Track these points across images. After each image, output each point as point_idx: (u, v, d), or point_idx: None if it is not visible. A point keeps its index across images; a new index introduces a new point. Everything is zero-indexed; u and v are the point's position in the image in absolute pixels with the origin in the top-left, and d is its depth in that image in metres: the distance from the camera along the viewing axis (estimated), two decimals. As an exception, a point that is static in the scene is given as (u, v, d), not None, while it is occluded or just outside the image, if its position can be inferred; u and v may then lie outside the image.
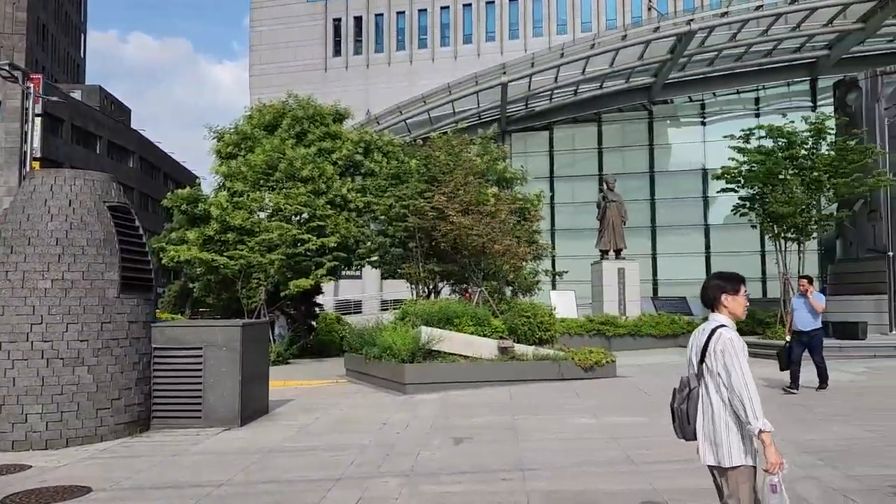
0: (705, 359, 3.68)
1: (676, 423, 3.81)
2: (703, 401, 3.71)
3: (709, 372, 3.67)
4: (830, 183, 16.81)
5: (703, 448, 3.72)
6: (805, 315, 11.31)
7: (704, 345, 3.69)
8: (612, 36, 35.33)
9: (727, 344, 3.59)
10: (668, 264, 36.88)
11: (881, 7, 31.24)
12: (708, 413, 3.67)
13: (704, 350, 3.68)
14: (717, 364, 3.60)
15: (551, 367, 13.39)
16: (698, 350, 3.75)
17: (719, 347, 3.61)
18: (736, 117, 37.63)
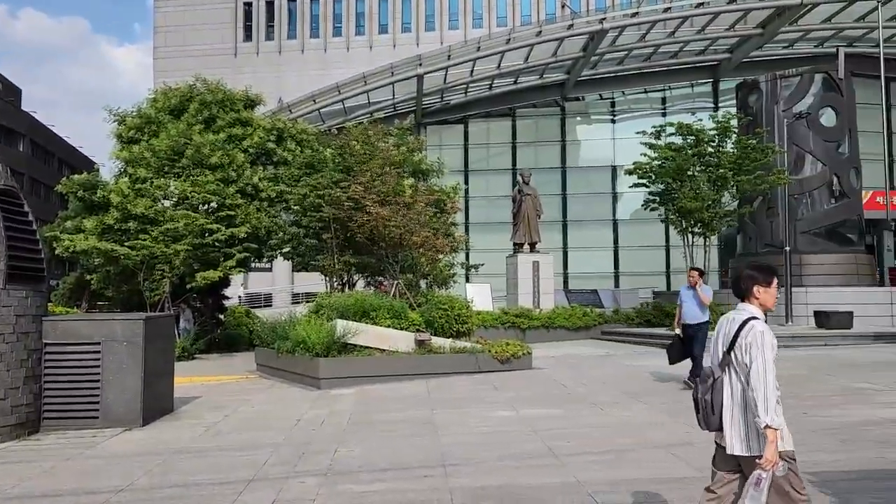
0: (734, 349, 3.67)
1: (700, 414, 3.80)
2: (730, 391, 3.71)
3: (736, 362, 3.68)
4: (735, 180, 17.47)
5: (730, 437, 3.69)
6: (693, 308, 10.89)
7: (735, 335, 3.68)
8: (527, 32, 35.70)
9: (757, 336, 3.60)
10: (578, 258, 37.71)
11: (778, 14, 32.89)
12: (738, 402, 3.67)
13: (734, 340, 3.67)
14: (746, 355, 3.61)
15: (469, 359, 13.30)
16: (727, 340, 3.74)
17: (749, 339, 3.61)
18: (644, 116, 38.83)
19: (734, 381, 3.69)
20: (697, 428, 8.01)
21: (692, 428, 8.16)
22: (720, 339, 3.81)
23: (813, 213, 22.36)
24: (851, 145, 23.15)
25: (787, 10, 32.32)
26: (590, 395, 10.61)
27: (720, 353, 3.77)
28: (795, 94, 22.88)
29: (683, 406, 9.50)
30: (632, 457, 6.88)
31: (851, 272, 21.72)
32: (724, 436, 3.71)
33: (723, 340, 3.78)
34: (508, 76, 37.77)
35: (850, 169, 22.88)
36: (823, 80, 23.03)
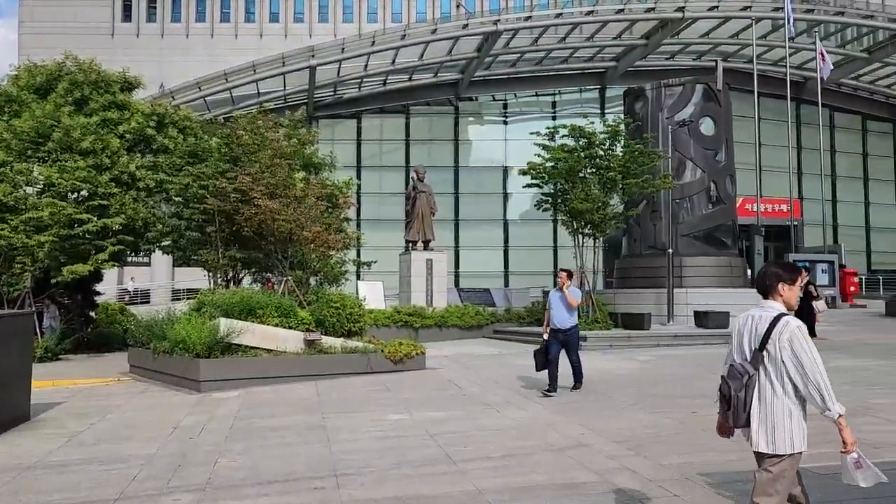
0: (766, 346, 3.62)
1: (730, 410, 3.73)
2: (763, 389, 3.67)
3: (770, 359, 3.64)
4: (623, 182, 17.92)
5: (756, 434, 3.70)
6: (561, 311, 10.32)
7: (767, 332, 3.63)
8: (422, 29, 35.55)
9: (795, 333, 3.58)
10: (469, 257, 37.93)
11: (662, 26, 34.37)
12: (767, 400, 3.65)
13: (766, 337, 3.62)
14: (783, 353, 3.57)
15: (361, 359, 12.86)
16: (756, 337, 3.69)
17: (786, 336, 3.58)
18: (534, 119, 39.56)
19: (764, 379, 3.67)
20: (592, 429, 8.01)
21: (586, 429, 8.14)
22: (747, 337, 3.76)
23: (692, 218, 23.37)
24: (728, 154, 24.39)
25: (670, 22, 33.82)
26: (484, 396, 10.44)
27: (747, 350, 3.74)
28: (678, 103, 23.84)
29: (576, 406, 9.50)
30: (531, 461, 6.71)
31: (726, 274, 22.88)
32: (751, 432, 3.72)
33: (750, 338, 3.74)
34: (403, 73, 37.48)
35: (727, 176, 24.10)
36: (704, 90, 24.12)
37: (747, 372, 3.68)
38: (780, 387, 3.62)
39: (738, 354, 3.82)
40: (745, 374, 3.69)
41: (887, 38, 37.38)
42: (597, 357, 14.88)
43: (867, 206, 43.79)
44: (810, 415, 7.92)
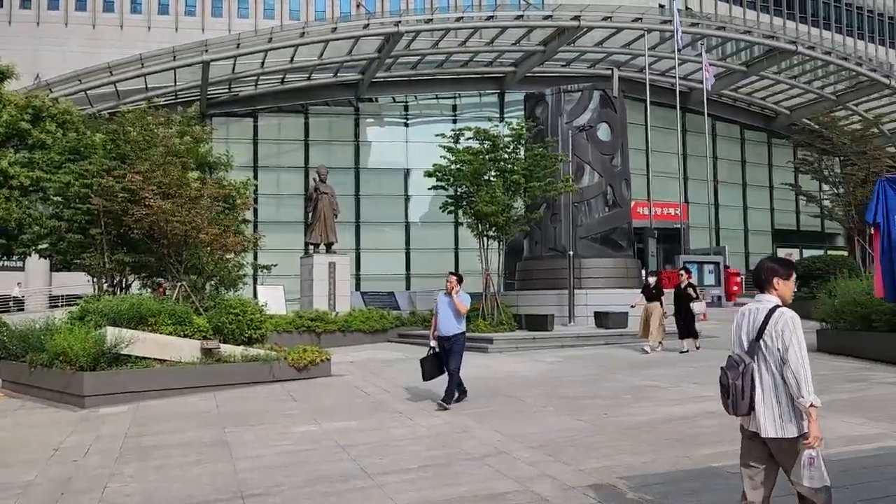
0: (763, 336, 3.79)
1: (730, 399, 3.85)
2: (762, 377, 3.80)
3: (767, 349, 3.78)
4: (527, 186, 18.07)
5: (763, 421, 3.80)
6: (448, 317, 9.62)
7: (763, 323, 3.79)
8: (322, 27, 34.84)
9: (788, 322, 3.74)
10: (371, 259, 37.46)
11: (559, 34, 35.19)
12: (769, 388, 3.79)
13: (763, 328, 3.78)
14: (777, 341, 3.73)
15: (262, 368, 12.26)
16: (754, 328, 3.85)
17: (780, 325, 3.74)
18: (435, 121, 39.60)
19: (763, 368, 3.80)
20: (508, 434, 7.87)
21: (503, 435, 8.01)
22: (744, 329, 3.92)
23: (590, 221, 23.95)
24: (623, 159, 25.16)
25: (566, 30, 34.68)
26: (395, 403, 10.14)
27: (745, 341, 3.89)
28: (577, 109, 24.39)
29: (490, 411, 9.37)
30: (450, 472, 6.48)
31: (623, 275, 23.56)
32: (757, 420, 3.82)
33: (747, 329, 3.90)
34: (302, 71, 36.59)
35: (622, 180, 24.85)
36: (601, 97, 24.78)
37: (743, 361, 3.82)
38: (778, 374, 3.76)
39: (736, 346, 3.96)
40: (741, 363, 3.82)
41: (763, 53, 39.88)
42: (504, 359, 14.89)
43: (745, 210, 46.56)
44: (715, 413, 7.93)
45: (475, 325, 18.18)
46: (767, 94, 44.13)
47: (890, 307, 12.33)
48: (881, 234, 3.72)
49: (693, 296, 14.97)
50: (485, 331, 17.62)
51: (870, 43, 52.56)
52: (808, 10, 50.43)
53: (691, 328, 15.09)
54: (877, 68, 42.63)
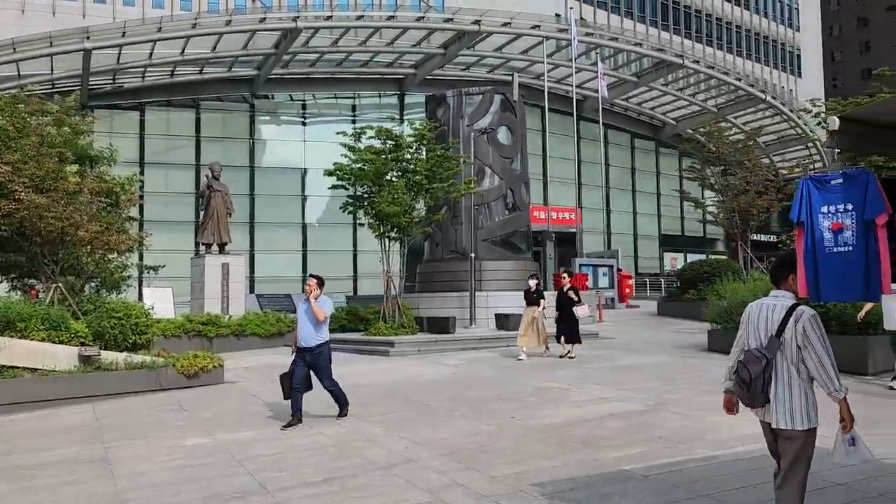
0: (784, 332, 3.94)
1: (750, 392, 3.99)
2: (779, 371, 3.97)
3: (786, 345, 3.94)
4: (430, 187, 17.88)
5: (776, 412, 3.98)
6: (307, 326, 8.68)
7: (783, 320, 3.95)
8: (215, 19, 33.38)
9: (812, 320, 3.90)
10: (265, 261, 36.25)
11: (459, 37, 35.30)
12: (785, 381, 3.96)
13: (783, 324, 3.94)
14: (800, 337, 3.90)
15: (148, 376, 11.43)
16: (774, 324, 3.99)
17: (801, 324, 3.90)
18: (334, 121, 38.83)
19: (781, 362, 3.97)
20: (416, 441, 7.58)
21: (410, 442, 7.70)
22: (762, 324, 4.06)
23: (491, 223, 24.08)
24: (523, 163, 25.49)
25: (467, 34, 34.83)
26: (295, 411, 9.64)
27: (763, 336, 4.03)
28: (478, 112, 24.49)
29: (396, 417, 9.06)
30: (356, 484, 6.12)
31: (523, 278, 23.73)
32: (770, 412, 4.00)
33: (766, 324, 4.04)
34: (193, 64, 34.93)
35: (522, 184, 25.17)
36: (501, 101, 25.01)
37: (765, 356, 3.97)
38: (794, 369, 3.94)
39: (753, 340, 4.11)
40: (763, 358, 3.97)
41: (652, 65, 41.58)
42: (407, 363, 14.59)
43: (634, 216, 48.40)
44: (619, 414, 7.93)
45: (376, 328, 17.83)
46: (656, 105, 46.04)
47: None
48: (804, 233, 3.70)
49: (575, 299, 14.41)
50: (386, 334, 17.28)
51: (747, 60, 55.98)
52: (692, 27, 53.14)
53: (575, 333, 14.40)
54: (754, 84, 45.35)
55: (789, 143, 47.92)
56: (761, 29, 58.10)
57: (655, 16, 51.17)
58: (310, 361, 8.73)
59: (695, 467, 6.35)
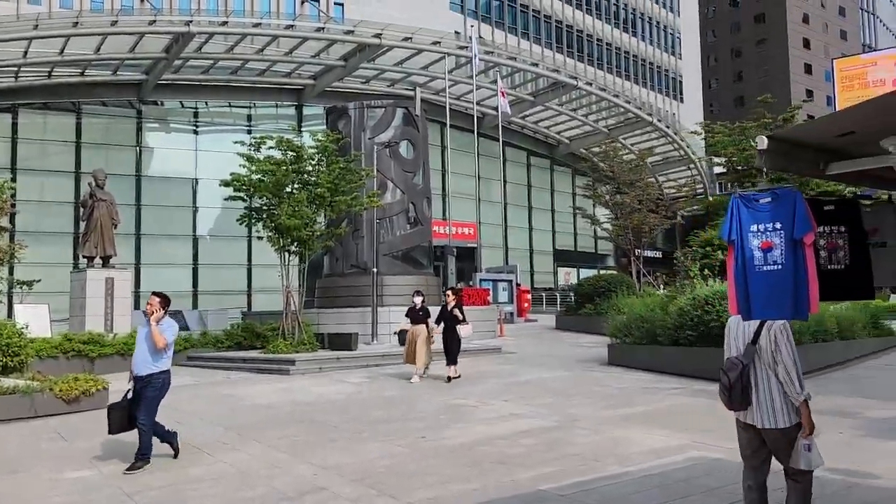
0: (758, 340, 4.29)
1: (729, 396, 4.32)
2: (758, 376, 4.31)
3: (762, 351, 4.28)
4: (332, 200, 17.46)
5: (758, 414, 4.30)
6: (143, 352, 7.57)
7: (758, 329, 4.30)
8: (99, 18, 31.55)
9: (783, 328, 4.27)
10: (153, 275, 34.35)
11: (360, 50, 35.02)
12: (764, 385, 4.30)
13: (758, 333, 4.30)
14: (772, 345, 4.26)
15: (21, 402, 10.41)
16: (749, 333, 4.34)
17: (773, 332, 4.27)
18: (228, 130, 37.57)
19: (759, 368, 4.30)
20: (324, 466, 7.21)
21: (319, 468, 7.29)
22: (740, 335, 4.40)
23: (393, 238, 23.84)
24: (425, 177, 25.44)
25: (368, 47, 34.58)
26: (190, 436, 8.97)
27: (741, 345, 4.37)
28: (380, 125, 24.26)
29: (301, 440, 8.61)
30: (264, 516, 5.70)
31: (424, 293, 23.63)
32: (753, 414, 4.31)
33: (744, 334, 4.38)
34: (74, 66, 32.85)
35: (424, 199, 25.10)
36: (403, 115, 24.90)
37: (741, 362, 4.31)
38: (772, 373, 4.27)
39: (732, 350, 4.44)
40: (739, 364, 4.31)
41: (548, 85, 42.78)
42: (309, 382, 14.07)
43: (531, 232, 49.47)
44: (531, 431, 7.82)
45: (275, 345, 17.14)
46: (551, 124, 47.37)
47: (672, 323, 13.39)
48: (735, 252, 3.70)
49: (460, 318, 13.50)
50: (286, 351, 16.64)
51: (636, 84, 58.66)
52: (584, 51, 55.18)
53: (455, 353, 13.43)
54: (641, 107, 47.54)
55: (673, 164, 50.50)
56: (647, 56, 61.11)
57: (551, 38, 52.78)
58: (139, 391, 7.54)
59: (609, 485, 6.34)
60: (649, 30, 61.83)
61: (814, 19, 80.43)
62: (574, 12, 54.86)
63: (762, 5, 79.00)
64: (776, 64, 77.26)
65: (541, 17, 52.27)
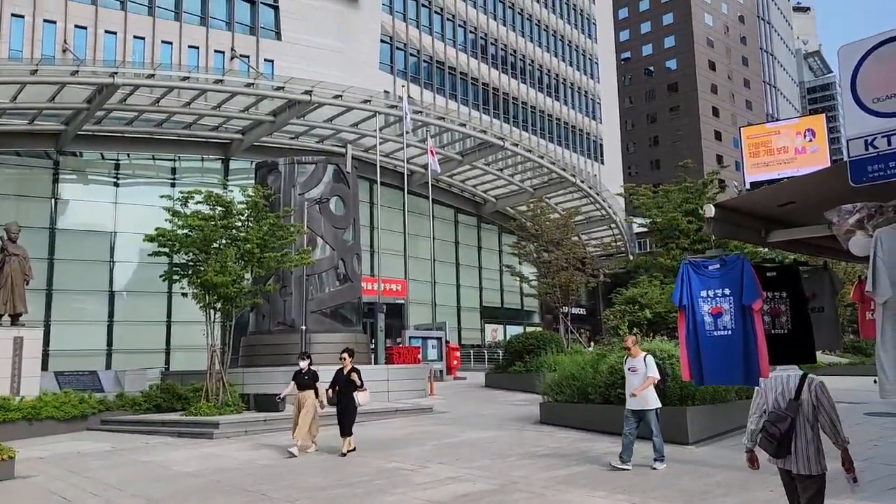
0: (801, 395, 4.87)
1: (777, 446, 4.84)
2: (798, 427, 4.85)
3: (804, 405, 4.86)
4: (262, 256, 17.12)
5: (796, 462, 4.89)
6: None
7: (799, 386, 4.90)
8: (18, 67, 30.52)
9: (822, 386, 4.89)
10: (65, 333, 32.60)
11: (290, 106, 35.02)
12: (802, 435, 4.86)
13: (799, 390, 4.89)
14: (814, 399, 4.87)
15: (-84, 475, 9.54)
16: (791, 389, 4.91)
17: (815, 389, 4.87)
18: (151, 183, 36.62)
19: (800, 420, 4.85)
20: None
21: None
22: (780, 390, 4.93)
23: (322, 295, 23.50)
24: (355, 234, 25.34)
25: (298, 104, 34.63)
26: (108, 510, 8.42)
27: (781, 401, 4.91)
28: (310, 181, 24.15)
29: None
30: None
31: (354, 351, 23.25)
32: (792, 461, 4.90)
33: (785, 390, 4.92)
34: (-13, 114, 31.52)
35: (354, 255, 24.94)
36: (334, 171, 24.90)
37: (789, 416, 4.81)
38: (809, 426, 4.85)
39: (772, 405, 4.96)
40: (788, 417, 4.81)
41: (475, 145, 43.72)
42: (234, 446, 13.47)
43: (458, 288, 49.71)
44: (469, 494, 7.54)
45: (197, 407, 16.42)
46: (478, 183, 48.24)
47: (603, 381, 13.55)
48: (686, 318, 3.78)
49: (358, 384, 12.20)
50: (209, 413, 15.94)
51: (559, 146, 60.65)
52: (510, 113, 56.87)
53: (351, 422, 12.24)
54: (565, 168, 49.07)
55: (595, 223, 52.06)
56: (570, 119, 63.49)
57: (478, 100, 54.22)
58: None
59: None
60: (572, 95, 64.42)
61: (721, 90, 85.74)
62: (500, 76, 56.67)
63: (674, 76, 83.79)
64: (688, 130, 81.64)
65: (468, 79, 53.74)
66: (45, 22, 35.05)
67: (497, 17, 57.24)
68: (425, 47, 50.55)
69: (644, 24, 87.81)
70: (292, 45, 41.81)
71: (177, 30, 38.45)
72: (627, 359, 10.45)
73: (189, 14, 39.09)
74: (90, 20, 36.05)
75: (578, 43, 66.44)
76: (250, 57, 40.57)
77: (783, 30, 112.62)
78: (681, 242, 20.56)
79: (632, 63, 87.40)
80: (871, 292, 3.75)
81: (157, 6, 37.92)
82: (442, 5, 52.26)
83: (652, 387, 10.00)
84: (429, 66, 51.11)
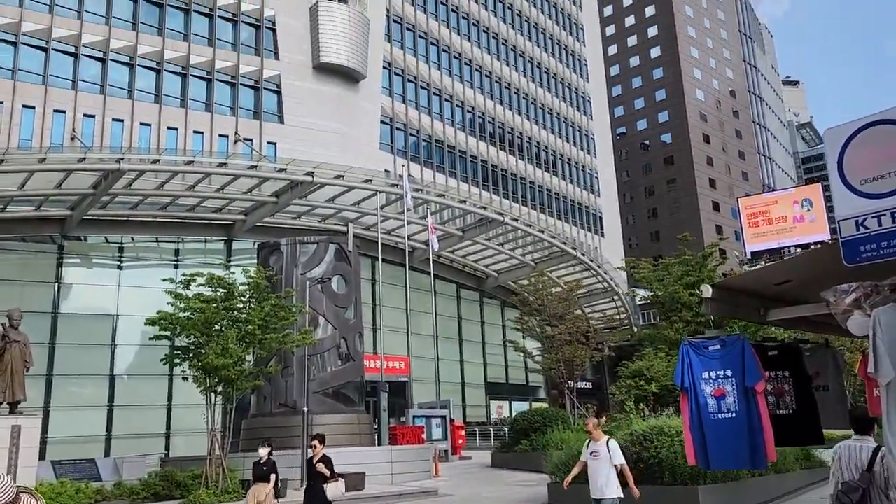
0: (874, 467, 4.99)
1: None
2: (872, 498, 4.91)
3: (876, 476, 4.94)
4: (263, 337, 17.06)
5: None
6: None
7: (871, 458, 5.04)
8: (26, 155, 31.18)
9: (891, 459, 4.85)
10: (63, 419, 32.13)
11: (292, 187, 35.58)
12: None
13: (872, 461, 5.01)
14: (885, 471, 4.85)
15: None
16: (865, 461, 5.07)
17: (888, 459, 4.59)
18: (154, 265, 36.87)
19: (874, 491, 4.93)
20: None
21: None
22: (853, 462, 5.13)
23: (324, 374, 23.31)
24: (357, 312, 25.31)
25: (300, 184, 35.20)
26: None
27: (855, 471, 5.07)
28: (312, 260, 24.33)
29: None
30: None
31: (355, 432, 22.90)
32: None
33: (858, 461, 5.11)
34: (-5, 201, 32.02)
35: (356, 334, 24.85)
36: (336, 250, 25.12)
37: (861, 487, 4.92)
38: (883, 496, 4.91)
39: (847, 474, 5.12)
40: (860, 488, 4.92)
41: (476, 221, 44.18)
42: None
43: (462, 364, 49.23)
44: None
45: (196, 495, 16.04)
46: (479, 258, 48.49)
47: (612, 459, 13.23)
48: (689, 400, 3.73)
49: (327, 474, 10.54)
50: (208, 502, 15.56)
51: (559, 220, 61.26)
52: (510, 189, 57.71)
53: None
54: (566, 241, 49.41)
55: (597, 296, 51.99)
56: (569, 193, 64.34)
57: (478, 177, 55.11)
58: None
59: None
60: (569, 170, 65.50)
61: (717, 162, 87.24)
62: (499, 153, 57.77)
63: (670, 149, 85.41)
64: (686, 201, 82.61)
65: (467, 156, 54.74)
66: (55, 112, 35.97)
67: (494, 97, 58.78)
68: (424, 127, 51.70)
69: (637, 100, 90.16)
70: (294, 128, 42.78)
71: (182, 116, 39.44)
72: (589, 443, 9.88)
73: (194, 101, 40.17)
74: (98, 109, 37.03)
75: (574, 119, 67.98)
76: (253, 140, 41.47)
77: (774, 103, 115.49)
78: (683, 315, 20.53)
79: (627, 137, 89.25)
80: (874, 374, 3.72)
81: (163, 94, 39.02)
82: (440, 87, 53.75)
83: (615, 474, 9.67)
84: (428, 144, 52.16)
